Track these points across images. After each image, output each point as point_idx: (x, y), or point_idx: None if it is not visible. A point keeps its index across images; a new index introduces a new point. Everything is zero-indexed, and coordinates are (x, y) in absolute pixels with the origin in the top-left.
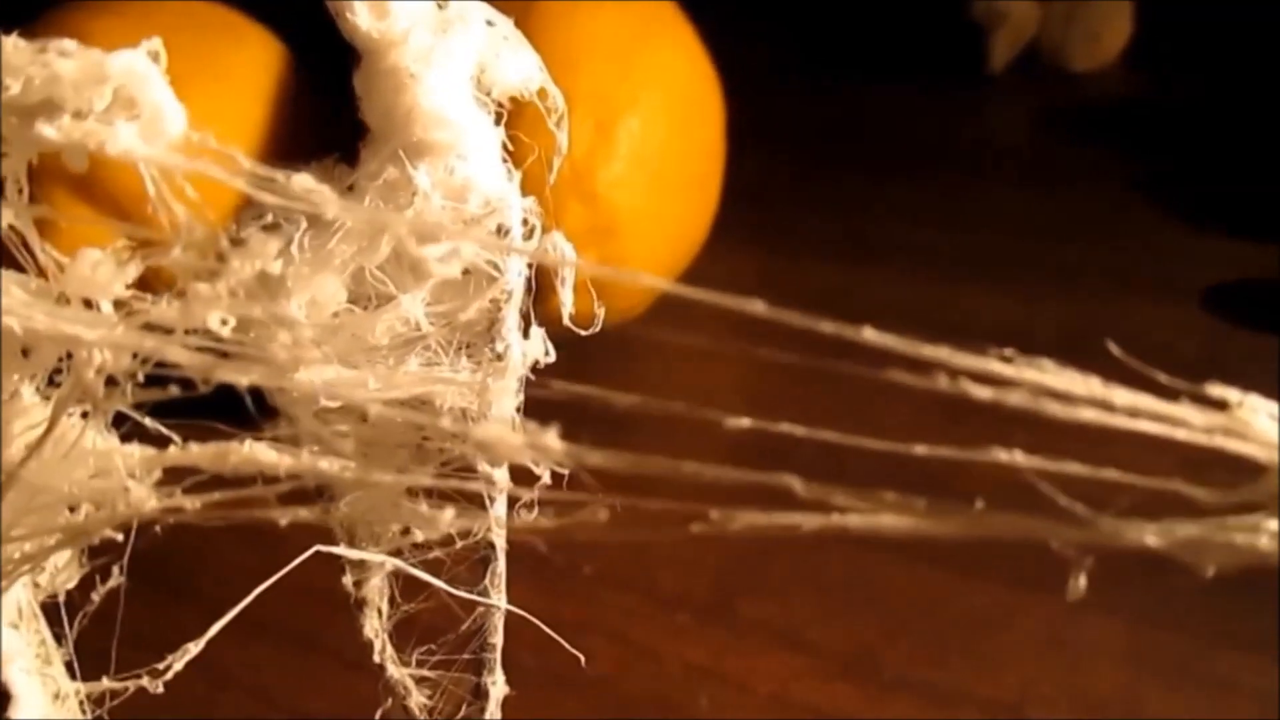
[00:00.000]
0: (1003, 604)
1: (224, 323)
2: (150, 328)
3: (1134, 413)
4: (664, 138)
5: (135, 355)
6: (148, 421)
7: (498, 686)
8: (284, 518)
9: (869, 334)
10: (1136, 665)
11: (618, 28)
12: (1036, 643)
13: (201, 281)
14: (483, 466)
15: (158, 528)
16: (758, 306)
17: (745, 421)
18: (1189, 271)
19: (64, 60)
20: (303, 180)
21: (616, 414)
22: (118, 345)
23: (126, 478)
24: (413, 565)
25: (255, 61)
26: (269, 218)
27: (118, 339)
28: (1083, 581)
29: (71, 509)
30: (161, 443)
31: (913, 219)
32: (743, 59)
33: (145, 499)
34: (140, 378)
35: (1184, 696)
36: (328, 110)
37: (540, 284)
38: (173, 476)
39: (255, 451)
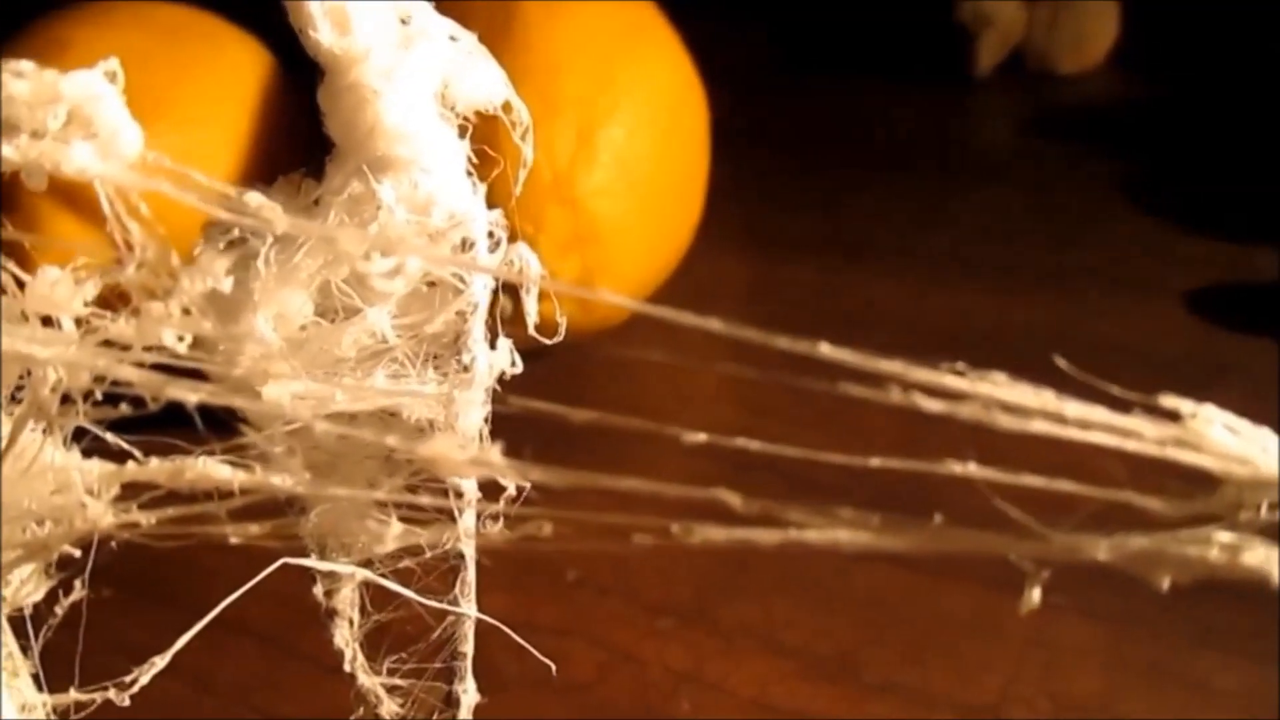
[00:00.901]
0: (982, 606)
1: (180, 339)
2: (108, 345)
3: (1086, 425)
4: (647, 145)
5: (92, 373)
6: (109, 437)
7: (469, 694)
8: (236, 535)
9: (825, 349)
10: (1116, 667)
11: (600, 34)
12: (1016, 645)
13: (155, 299)
14: (450, 478)
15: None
16: (714, 324)
17: (701, 437)
18: (1174, 273)
19: (17, 81)
20: (255, 197)
21: (595, 425)
22: (70, 364)
23: (84, 493)
24: (384, 575)
25: (238, 68)
26: (234, 233)
27: (70, 357)
28: (1037, 595)
29: (33, 524)
30: (123, 458)
31: (898, 220)
32: (730, 60)
33: (102, 514)
34: (99, 395)
35: (1163, 697)
36: (311, 116)
37: (518, 296)
38: (131, 491)
39: (209, 468)
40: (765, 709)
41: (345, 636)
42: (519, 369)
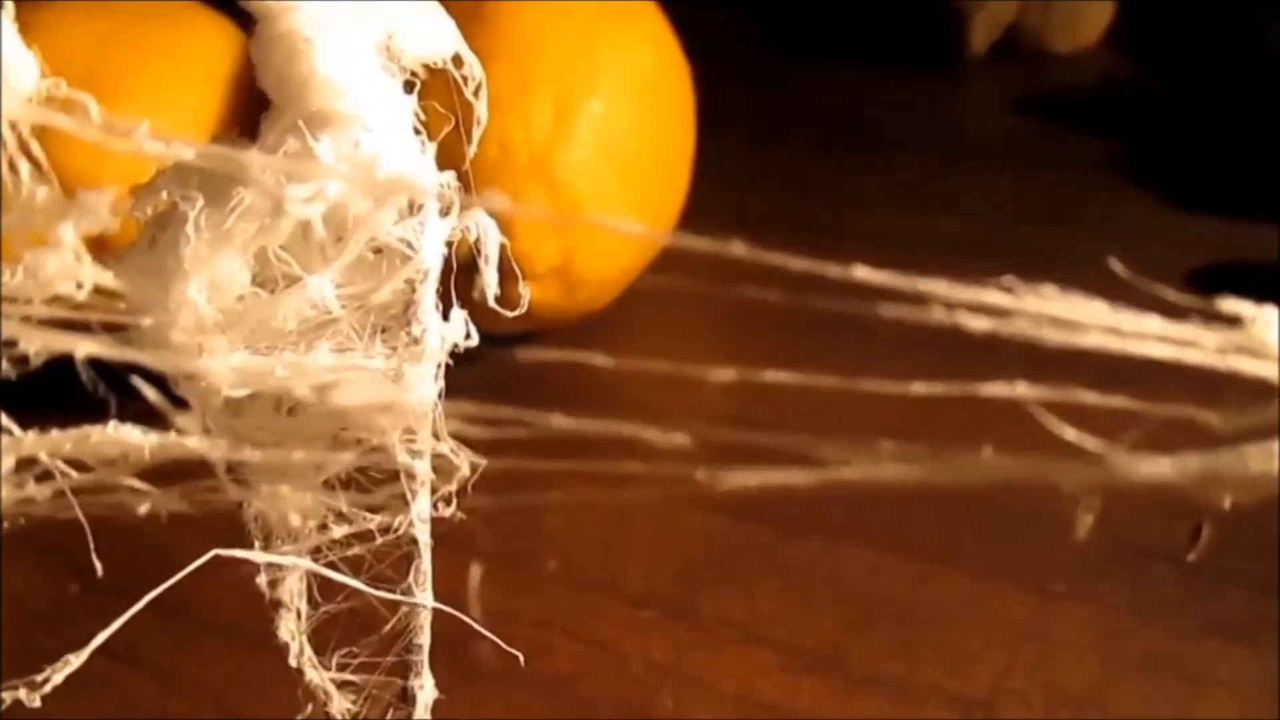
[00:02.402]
0: (973, 597)
1: (79, 287)
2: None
3: (1141, 337)
4: (628, 122)
5: None
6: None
7: (425, 690)
8: (144, 505)
9: (861, 272)
10: (1110, 658)
11: (579, 11)
12: (1008, 636)
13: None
14: (402, 458)
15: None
16: (738, 248)
17: (729, 374)
18: (1172, 254)
19: None
20: (143, 128)
21: (599, 394)
22: None
23: None
24: (334, 562)
25: (210, 48)
26: (163, 196)
27: None
28: (1089, 521)
29: None
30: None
31: (889, 204)
32: (719, 41)
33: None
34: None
35: (1157, 688)
36: None
37: (504, 270)
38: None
39: (120, 432)
40: (749, 704)
41: (290, 629)
42: (474, 341)
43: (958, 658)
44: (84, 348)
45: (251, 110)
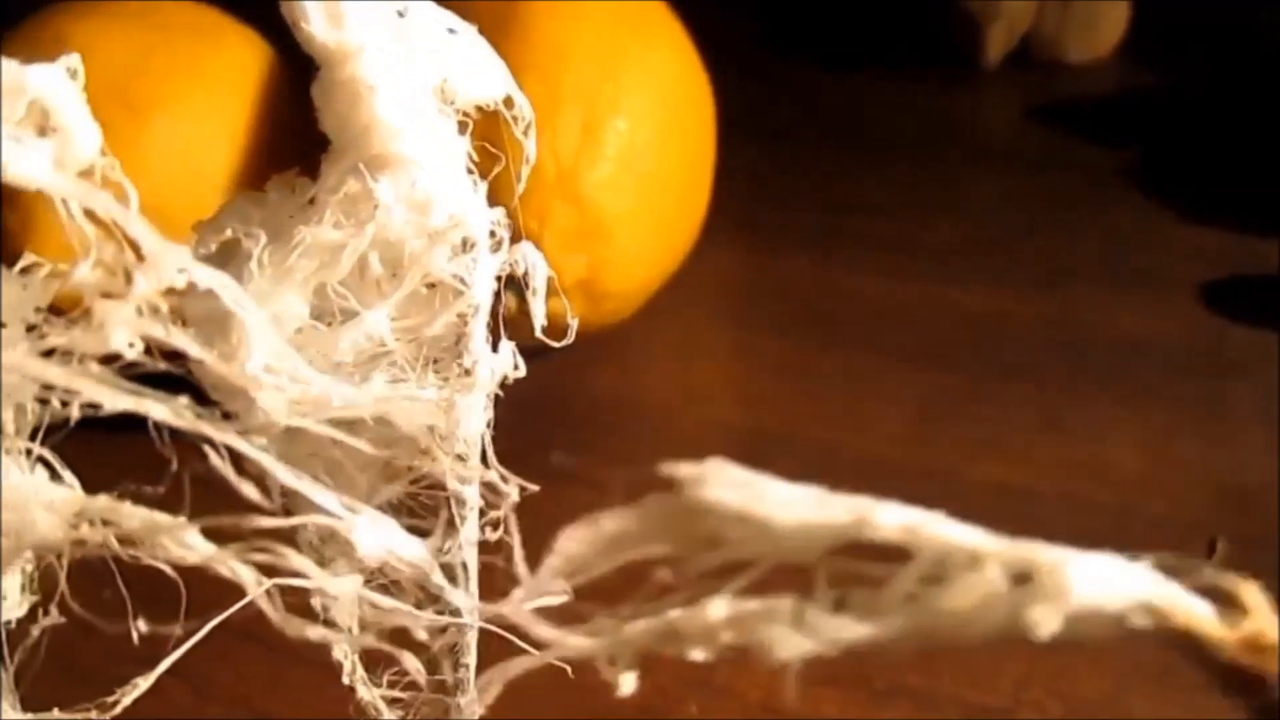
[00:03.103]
0: None
1: (131, 345)
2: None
3: None
4: (653, 138)
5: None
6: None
7: (472, 706)
8: (193, 557)
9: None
10: (1127, 669)
11: (606, 27)
12: (1027, 647)
13: (109, 300)
14: (452, 484)
15: None
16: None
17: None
18: (1186, 266)
19: None
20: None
21: (604, 416)
22: (24, 373)
23: (41, 511)
24: (385, 584)
25: (239, 62)
26: (228, 233)
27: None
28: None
29: None
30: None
31: (905, 212)
32: (734, 49)
33: (55, 530)
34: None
35: (1174, 699)
36: (311, 111)
37: (523, 295)
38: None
39: (185, 535)
40: (773, 713)
41: (344, 649)
42: (522, 373)
43: (977, 669)
44: (158, 410)
45: (279, 127)
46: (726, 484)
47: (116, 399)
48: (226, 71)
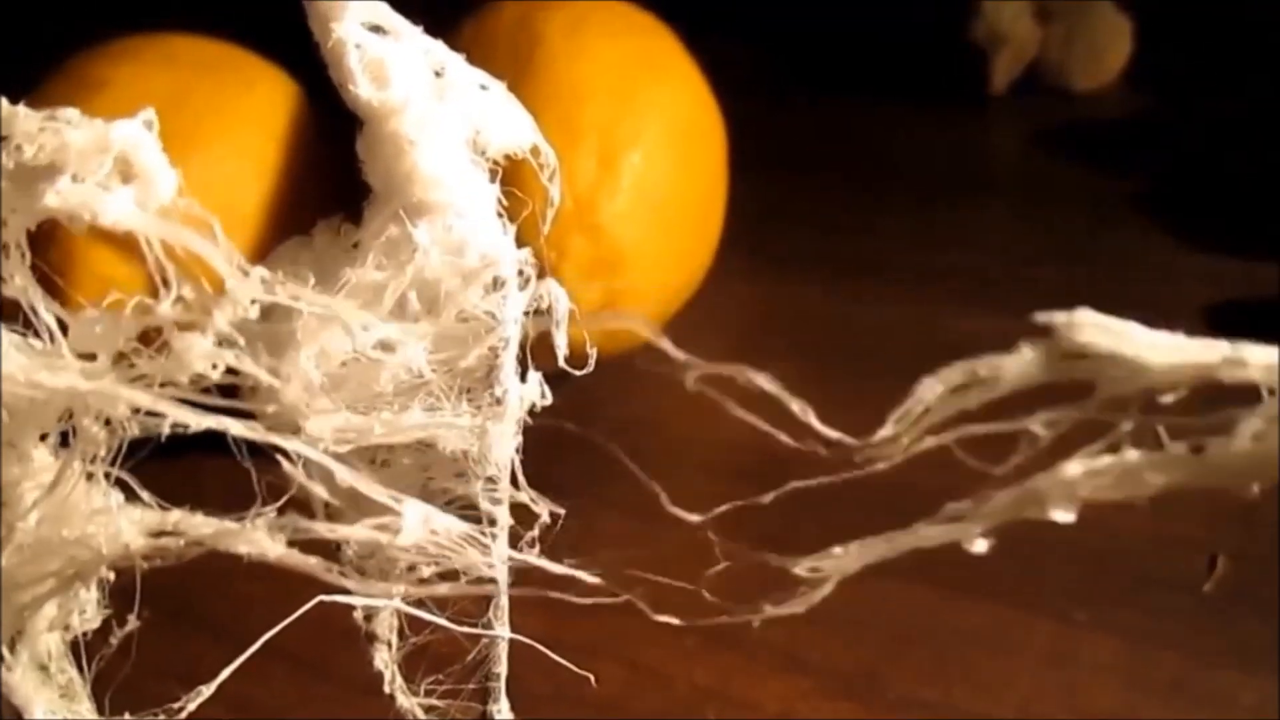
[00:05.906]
0: (1002, 623)
1: (214, 367)
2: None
3: None
4: (667, 171)
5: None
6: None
7: (503, 715)
8: (272, 554)
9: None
10: (1134, 683)
11: (621, 63)
12: (1036, 661)
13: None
14: (484, 505)
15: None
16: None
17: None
18: (1191, 291)
19: (72, 130)
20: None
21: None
22: (112, 397)
23: (126, 524)
24: (422, 599)
25: (269, 103)
26: (278, 273)
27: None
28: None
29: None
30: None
31: (914, 240)
32: (741, 80)
33: (133, 540)
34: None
35: (1182, 713)
36: (341, 151)
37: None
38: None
39: (255, 537)
40: None
41: (384, 659)
42: (549, 401)
43: (988, 683)
44: (236, 427)
45: (309, 166)
46: (1097, 328)
47: (202, 419)
48: (257, 111)
